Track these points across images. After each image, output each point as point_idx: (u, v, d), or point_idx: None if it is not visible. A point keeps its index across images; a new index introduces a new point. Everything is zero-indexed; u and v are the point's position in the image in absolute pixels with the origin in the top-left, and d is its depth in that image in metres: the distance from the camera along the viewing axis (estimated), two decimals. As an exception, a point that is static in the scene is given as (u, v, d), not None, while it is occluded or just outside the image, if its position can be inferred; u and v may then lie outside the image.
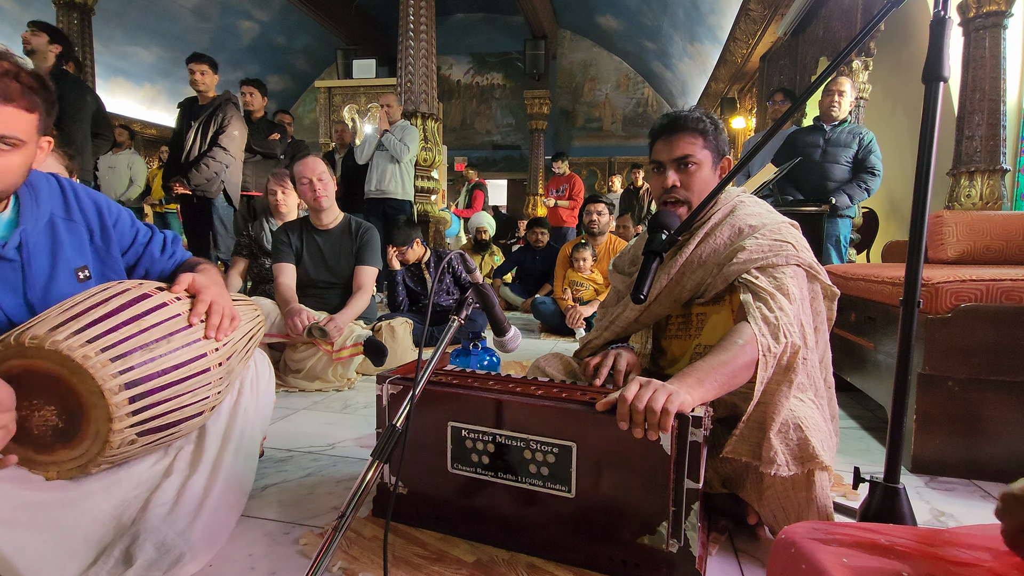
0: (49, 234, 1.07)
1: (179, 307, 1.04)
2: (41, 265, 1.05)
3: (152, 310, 1.00)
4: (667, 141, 1.30)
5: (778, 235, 1.23)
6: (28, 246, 1.03)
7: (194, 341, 1.03)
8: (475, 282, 1.15)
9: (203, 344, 1.04)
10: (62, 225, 1.09)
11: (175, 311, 1.03)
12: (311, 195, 2.55)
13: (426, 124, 5.02)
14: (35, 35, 3.26)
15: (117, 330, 0.94)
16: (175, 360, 0.99)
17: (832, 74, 0.93)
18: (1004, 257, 2.17)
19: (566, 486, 1.04)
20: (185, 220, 3.85)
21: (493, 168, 11.76)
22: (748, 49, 6.39)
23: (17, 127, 0.93)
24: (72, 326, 0.91)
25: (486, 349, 1.97)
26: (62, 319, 0.93)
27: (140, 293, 1.01)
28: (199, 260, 1.24)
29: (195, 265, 1.20)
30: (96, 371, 0.89)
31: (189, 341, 1.02)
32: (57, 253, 1.07)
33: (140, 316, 0.98)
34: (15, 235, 1.02)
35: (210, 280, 1.11)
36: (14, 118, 0.93)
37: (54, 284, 1.06)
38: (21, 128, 0.94)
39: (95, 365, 0.89)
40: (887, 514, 0.96)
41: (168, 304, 1.03)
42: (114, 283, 1.04)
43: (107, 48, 7.84)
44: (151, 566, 0.97)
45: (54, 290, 1.06)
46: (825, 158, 3.29)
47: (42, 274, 1.05)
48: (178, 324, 1.02)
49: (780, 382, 1.07)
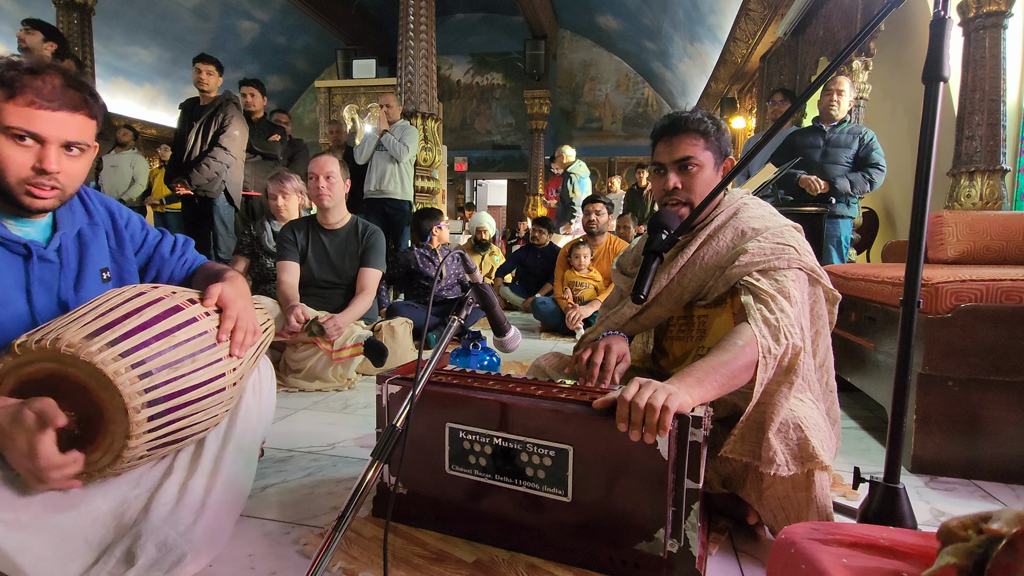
0: (76, 239, 1.12)
1: (208, 323, 1.04)
2: (72, 267, 1.09)
3: (182, 325, 1.00)
4: (668, 143, 1.30)
5: (780, 238, 1.23)
6: (66, 248, 1.08)
7: (216, 361, 1.03)
8: (475, 282, 1.15)
9: (224, 364, 1.05)
10: (87, 229, 1.14)
11: (203, 328, 1.03)
12: (315, 192, 2.57)
13: (426, 124, 5.02)
14: (30, 33, 3.24)
15: (148, 345, 0.94)
16: (197, 380, 1.00)
17: (832, 74, 0.93)
18: (1004, 257, 2.17)
19: (563, 490, 1.03)
20: (186, 220, 3.85)
21: (493, 168, 11.77)
22: (748, 49, 6.39)
23: (85, 133, 1.01)
24: (106, 336, 0.91)
25: (486, 349, 1.97)
26: (96, 327, 0.92)
27: (173, 305, 1.02)
28: (225, 268, 1.25)
29: (222, 273, 1.20)
30: (125, 388, 0.90)
31: (212, 361, 1.03)
32: (85, 255, 1.12)
33: (171, 331, 0.98)
34: (56, 238, 1.06)
35: (237, 293, 1.12)
36: (83, 125, 1.00)
37: (83, 285, 1.10)
38: (88, 135, 1.01)
39: (124, 382, 0.90)
40: (887, 514, 0.96)
41: (198, 320, 1.03)
42: (147, 288, 1.04)
43: (107, 48, 7.84)
44: (153, 566, 0.97)
45: (83, 291, 1.09)
46: (825, 159, 3.29)
47: (72, 275, 1.09)
48: (205, 343, 1.02)
49: (780, 383, 1.08)
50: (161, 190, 6.06)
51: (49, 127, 0.95)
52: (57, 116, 0.96)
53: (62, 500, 0.95)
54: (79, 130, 0.99)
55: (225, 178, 3.59)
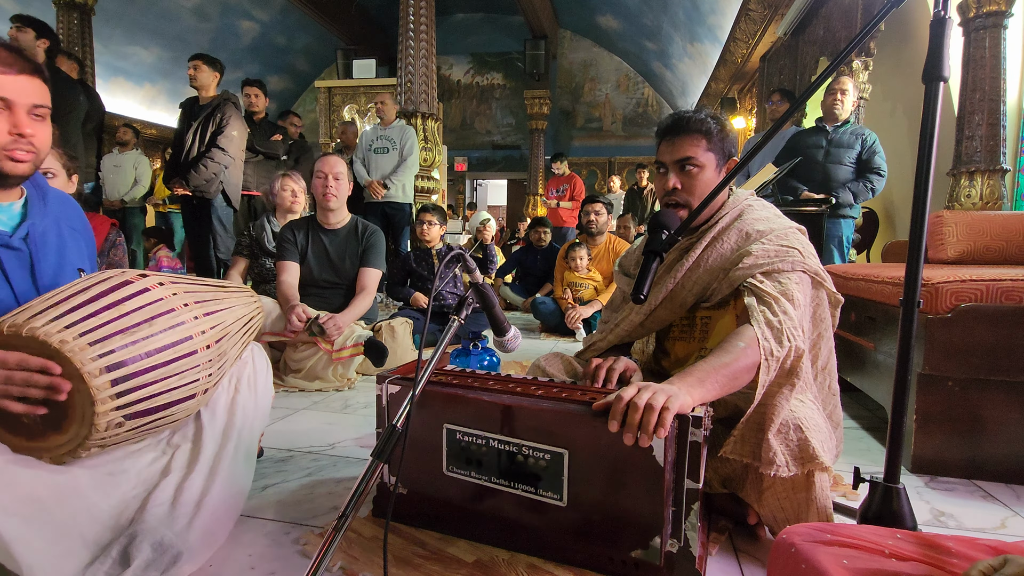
0: (56, 232, 1.15)
1: (162, 291, 1.05)
2: (49, 259, 1.12)
3: (133, 295, 1.01)
4: (670, 142, 1.30)
5: (785, 241, 1.23)
6: (35, 239, 1.09)
7: (178, 324, 1.03)
8: (475, 282, 1.15)
9: (188, 326, 1.05)
10: (67, 232, 1.18)
11: (157, 295, 1.04)
12: (322, 191, 2.56)
13: (426, 124, 5.01)
14: (21, 31, 3.19)
15: (97, 315, 0.96)
16: (158, 343, 1.00)
17: (832, 74, 0.92)
18: (1004, 257, 2.17)
19: (557, 494, 1.03)
20: (185, 221, 3.85)
21: (493, 168, 11.77)
22: (748, 49, 6.39)
23: (46, 97, 1.04)
24: (51, 313, 0.93)
25: (486, 349, 1.97)
26: (43, 307, 0.95)
27: (121, 280, 1.03)
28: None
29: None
30: (74, 355, 0.90)
31: (172, 324, 1.03)
32: (64, 252, 1.15)
33: (121, 301, 0.99)
34: (23, 227, 1.08)
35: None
36: (42, 89, 1.03)
37: (62, 278, 1.12)
38: (48, 98, 1.04)
39: (72, 349, 0.90)
40: (887, 514, 0.96)
41: (151, 289, 1.04)
42: (97, 273, 1.07)
43: (107, 48, 7.84)
44: (149, 566, 0.96)
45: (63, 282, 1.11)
46: (828, 159, 3.27)
47: (50, 267, 1.11)
48: (161, 308, 1.03)
49: (781, 384, 1.07)
50: (162, 190, 6.06)
51: (14, 91, 0.98)
52: (20, 80, 0.99)
53: (61, 494, 0.95)
54: (40, 93, 1.02)
55: (223, 179, 3.58)
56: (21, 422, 0.94)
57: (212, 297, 1.15)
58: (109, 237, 2.12)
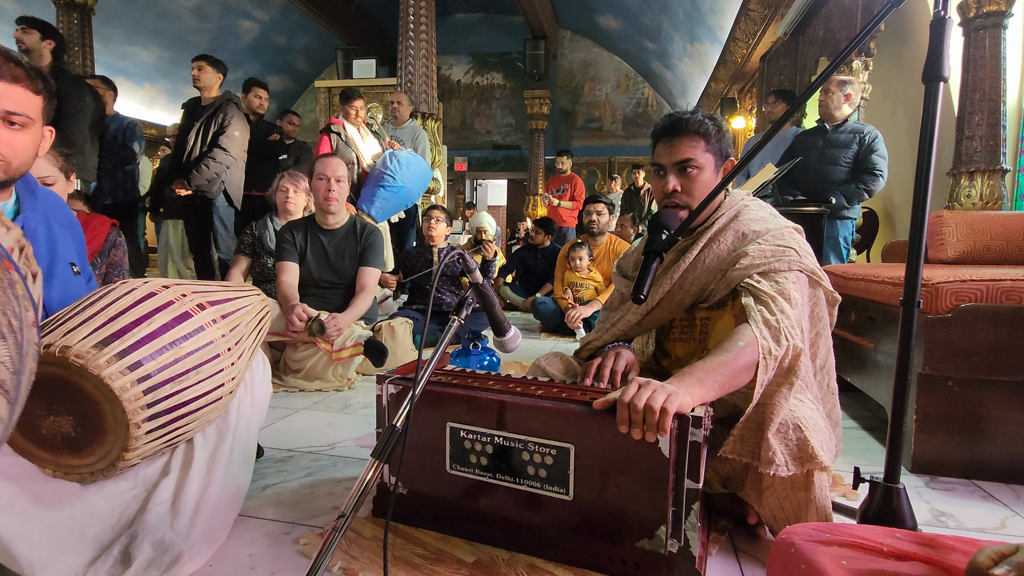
0: (47, 227, 1.16)
1: (214, 332, 1.06)
2: (41, 252, 1.13)
3: (190, 335, 1.02)
4: (668, 144, 1.29)
5: (781, 240, 1.23)
6: (28, 233, 1.10)
7: (218, 372, 1.04)
8: (475, 282, 1.15)
9: (225, 373, 1.06)
10: (56, 227, 1.19)
11: (209, 338, 1.05)
12: (323, 193, 2.55)
13: (426, 124, 5.02)
14: (27, 32, 3.18)
15: (155, 358, 0.95)
16: (199, 391, 1.01)
17: (832, 74, 0.92)
18: (1004, 257, 2.17)
19: (564, 488, 1.04)
20: (186, 220, 3.85)
21: (493, 168, 11.77)
22: (748, 49, 6.39)
23: (26, 106, 1.01)
24: (115, 347, 0.92)
25: (486, 349, 1.97)
26: (106, 334, 0.93)
27: (182, 311, 1.03)
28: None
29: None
30: (129, 405, 0.91)
31: (215, 372, 1.04)
32: (55, 246, 1.17)
33: (178, 341, 0.99)
34: (17, 221, 1.09)
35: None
36: (22, 96, 1.00)
37: (55, 271, 1.15)
38: (30, 107, 1.02)
39: (130, 399, 0.91)
40: (887, 514, 0.96)
41: (205, 329, 1.04)
42: (158, 289, 1.04)
43: (107, 48, 7.85)
44: (150, 566, 0.97)
45: (55, 275, 1.15)
46: (823, 159, 3.25)
47: (43, 260, 1.13)
48: (210, 353, 1.03)
49: (780, 384, 1.07)
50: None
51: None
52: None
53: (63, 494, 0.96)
54: (17, 101, 0.99)
55: (224, 179, 3.58)
56: (39, 431, 0.94)
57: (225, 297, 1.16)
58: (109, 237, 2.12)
